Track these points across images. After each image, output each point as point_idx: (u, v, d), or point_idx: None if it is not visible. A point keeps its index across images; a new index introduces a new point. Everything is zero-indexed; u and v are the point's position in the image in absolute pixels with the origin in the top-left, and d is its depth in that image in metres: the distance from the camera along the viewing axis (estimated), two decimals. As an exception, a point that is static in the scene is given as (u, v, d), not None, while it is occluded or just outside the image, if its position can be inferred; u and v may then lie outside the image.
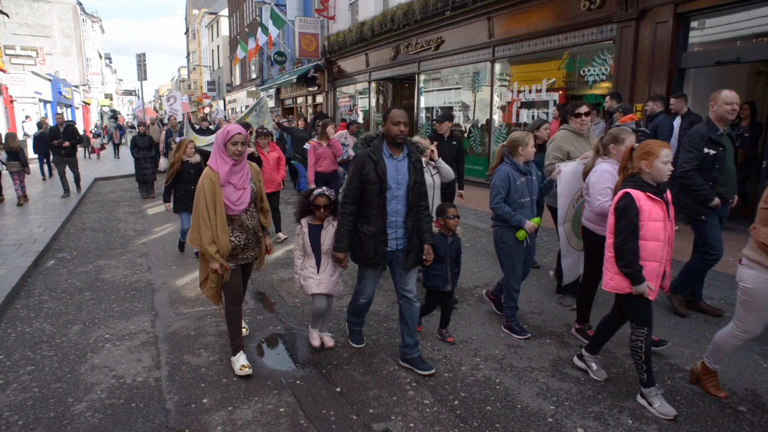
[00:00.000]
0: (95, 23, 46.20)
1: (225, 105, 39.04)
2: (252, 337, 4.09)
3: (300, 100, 22.97)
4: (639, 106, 7.43)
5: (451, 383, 3.36)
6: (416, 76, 13.46)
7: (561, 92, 9.25)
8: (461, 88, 12.10)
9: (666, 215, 2.94)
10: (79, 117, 34.95)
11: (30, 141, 16.42)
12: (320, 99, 20.07)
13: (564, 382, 3.36)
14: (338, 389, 3.28)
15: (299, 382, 3.38)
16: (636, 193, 2.89)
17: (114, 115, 44.56)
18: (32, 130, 18.19)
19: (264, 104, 8.98)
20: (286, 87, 23.21)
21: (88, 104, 40.15)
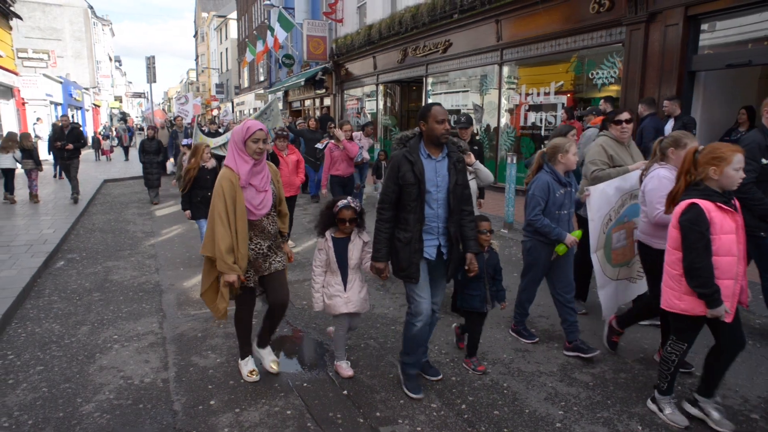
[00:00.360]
0: (105, 26, 46.68)
1: (233, 107, 39.25)
2: (259, 339, 4.09)
3: (308, 103, 23.04)
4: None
5: (459, 387, 3.34)
6: (424, 79, 13.45)
7: (569, 95, 9.21)
8: (469, 91, 12.08)
9: (738, 226, 2.66)
10: (89, 119, 35.31)
11: (42, 143, 16.62)
12: (328, 101, 20.12)
13: (572, 387, 3.33)
14: (345, 392, 3.28)
15: (306, 385, 3.38)
16: (705, 204, 2.59)
17: (123, 117, 44.95)
18: (43, 132, 18.38)
19: (275, 107, 8.90)
20: (294, 90, 23.30)
21: (98, 106, 40.54)
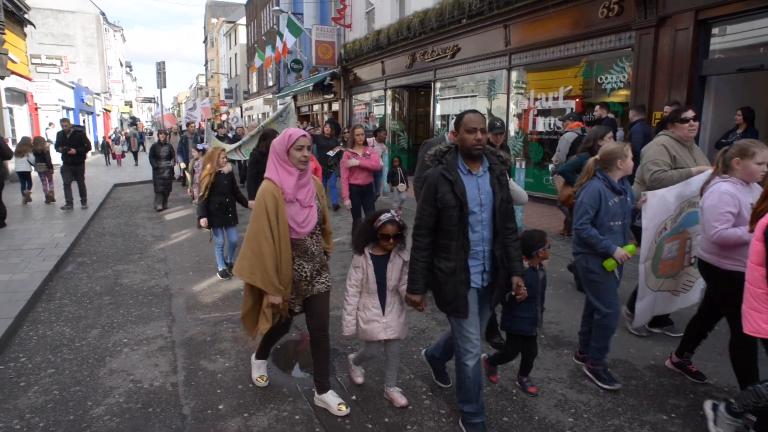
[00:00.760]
0: (117, 32, 47.22)
1: (242, 112, 39.53)
2: (268, 344, 4.10)
3: (316, 108, 23.15)
4: (658, 114, 7.33)
5: (468, 393, 3.32)
6: (432, 84, 13.47)
7: (578, 100, 9.18)
8: (477, 96, 12.08)
9: None
10: (100, 124, 35.69)
11: (53, 147, 16.83)
12: (336, 106, 20.21)
13: (582, 394, 3.30)
14: (353, 397, 3.27)
15: (315, 390, 3.37)
16: None
17: (133, 122, 45.40)
18: (54, 137, 18.61)
19: (291, 110, 8.80)
20: (303, 94, 23.42)
21: (109, 111, 40.99)
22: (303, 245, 2.88)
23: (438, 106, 13.59)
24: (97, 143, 28.56)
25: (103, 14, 37.54)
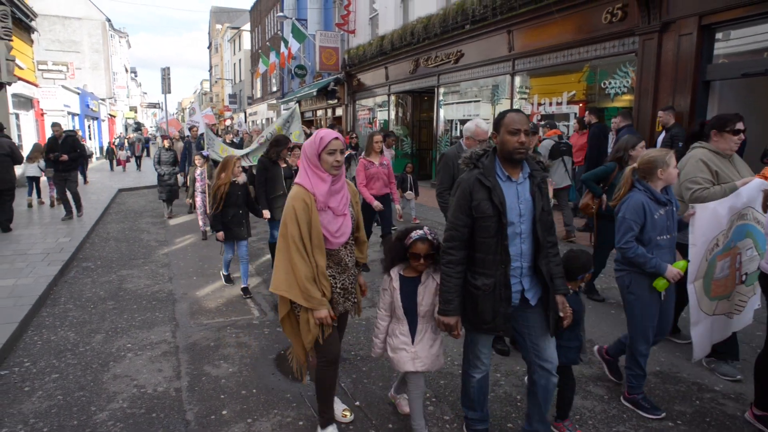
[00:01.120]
0: (122, 38, 47.62)
1: (246, 117, 39.70)
2: (271, 349, 4.09)
3: (320, 113, 23.24)
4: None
5: (472, 399, 3.30)
6: (436, 89, 13.50)
7: (581, 105, 9.18)
8: (480, 101, 12.10)
9: None
10: (105, 129, 35.91)
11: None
12: (340, 112, 20.28)
13: (587, 401, 3.28)
14: (357, 403, 3.26)
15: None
16: None
17: (138, 127, 45.66)
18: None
19: (296, 114, 8.74)
20: (306, 100, 23.51)
21: (114, 117, 41.26)
22: (337, 256, 2.66)
23: (441, 112, 13.62)
24: (102, 148, 28.73)
25: (109, 20, 37.87)
